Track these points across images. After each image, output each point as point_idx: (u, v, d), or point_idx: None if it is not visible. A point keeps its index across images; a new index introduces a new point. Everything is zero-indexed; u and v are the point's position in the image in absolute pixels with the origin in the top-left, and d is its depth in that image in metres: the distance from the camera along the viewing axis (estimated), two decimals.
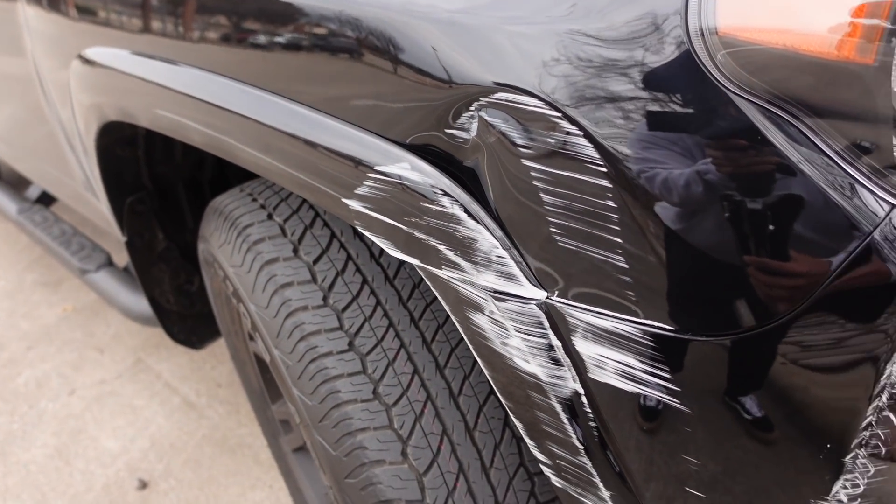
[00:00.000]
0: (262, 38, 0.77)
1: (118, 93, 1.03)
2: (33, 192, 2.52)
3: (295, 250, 0.97)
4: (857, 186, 0.48)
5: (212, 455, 1.96)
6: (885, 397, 0.52)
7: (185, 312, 1.66)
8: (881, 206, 0.48)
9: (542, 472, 0.74)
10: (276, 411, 1.57)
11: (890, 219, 0.48)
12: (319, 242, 0.97)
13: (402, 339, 0.90)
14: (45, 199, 2.50)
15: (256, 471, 1.90)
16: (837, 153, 0.48)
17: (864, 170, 0.48)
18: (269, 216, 1.03)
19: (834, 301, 0.50)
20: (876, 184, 0.48)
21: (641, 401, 0.61)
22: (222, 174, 1.51)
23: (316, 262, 0.95)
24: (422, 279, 0.95)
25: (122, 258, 1.90)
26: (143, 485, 1.88)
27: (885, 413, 0.53)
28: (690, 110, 0.51)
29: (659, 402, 0.60)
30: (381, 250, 0.97)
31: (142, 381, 2.28)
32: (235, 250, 1.02)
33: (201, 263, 1.27)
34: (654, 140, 0.52)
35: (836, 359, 0.52)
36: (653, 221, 0.53)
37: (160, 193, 1.40)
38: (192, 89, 0.84)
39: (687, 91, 0.51)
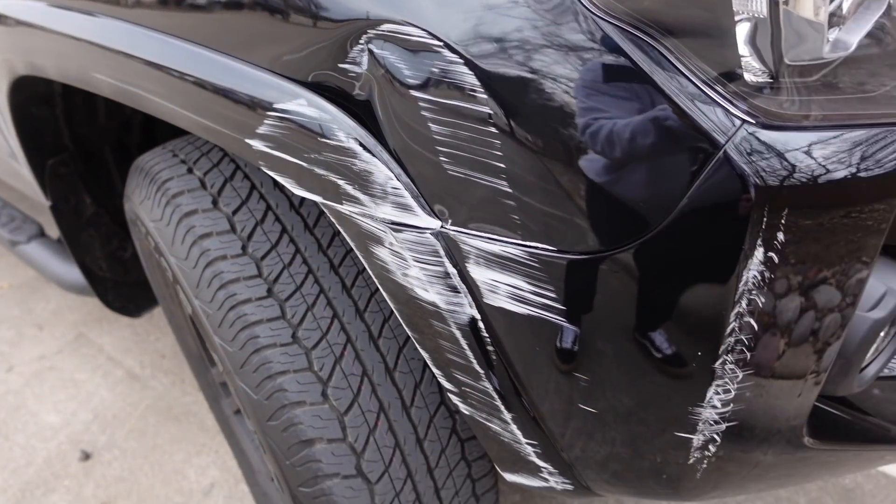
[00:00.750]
0: None
1: (24, 45, 1.01)
2: None
3: (214, 202, 0.97)
4: (711, 104, 0.51)
5: (156, 424, 1.95)
6: (744, 303, 0.56)
7: (120, 280, 1.64)
8: (732, 121, 0.51)
9: None
10: (216, 374, 1.58)
11: (741, 132, 0.51)
12: (239, 194, 0.98)
13: (322, 285, 0.92)
14: None
15: (202, 437, 1.90)
16: (692, 72, 0.51)
17: (716, 87, 0.51)
18: (189, 170, 1.03)
19: (693, 215, 0.53)
20: (726, 99, 0.51)
21: (532, 322, 0.64)
22: (151, 138, 1.49)
23: (235, 212, 0.95)
24: None
25: (56, 230, 1.86)
26: (86, 456, 1.87)
27: (746, 319, 0.57)
28: (560, 36, 0.54)
29: (547, 322, 0.63)
30: (302, 200, 0.98)
31: (83, 356, 2.24)
32: (155, 205, 1.02)
33: (128, 224, 1.26)
34: (528, 66, 0.54)
35: (698, 270, 0.56)
36: (527, 146, 0.56)
37: (85, 156, 1.37)
38: (94, 36, 0.83)
39: (556, 17, 0.53)
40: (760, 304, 0.56)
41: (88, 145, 1.35)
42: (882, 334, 0.71)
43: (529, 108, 0.55)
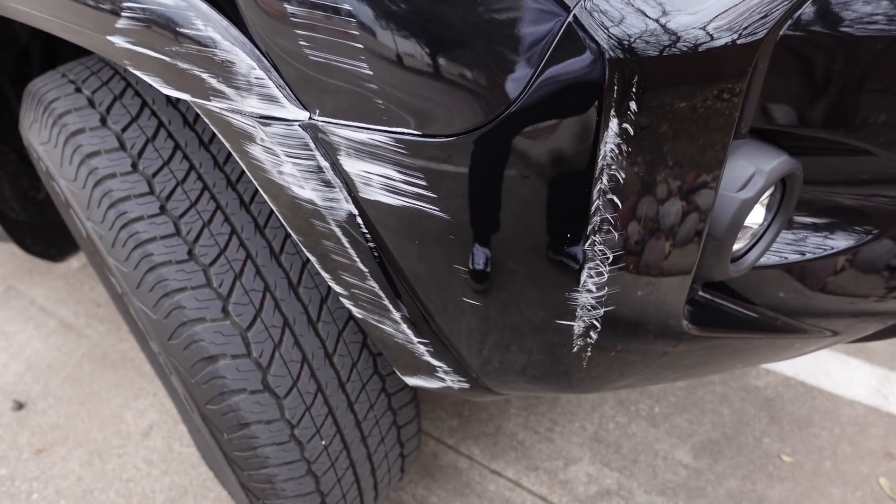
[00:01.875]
0: None
1: None
2: None
3: (102, 120, 0.93)
4: None
5: (92, 372, 1.92)
6: (605, 179, 0.56)
7: (36, 222, 1.58)
8: None
9: None
10: None
11: None
12: (129, 111, 0.93)
13: (219, 201, 0.89)
14: None
15: (140, 381, 1.88)
16: None
17: None
18: (77, 90, 0.98)
19: (546, 87, 0.52)
20: None
21: (408, 213, 0.63)
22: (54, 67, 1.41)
23: (125, 129, 0.91)
24: None
25: None
26: (20, 406, 1.83)
27: (609, 196, 0.57)
28: None
29: (421, 212, 0.62)
30: (196, 116, 0.94)
31: (14, 308, 2.18)
32: (43, 127, 0.97)
33: (29, 156, 1.20)
34: None
35: (556, 146, 0.55)
36: (382, 25, 0.54)
37: None
38: None
39: None
40: (621, 180, 0.56)
41: None
42: (761, 221, 0.72)
43: None
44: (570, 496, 1.48)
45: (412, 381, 0.83)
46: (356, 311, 0.76)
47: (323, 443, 0.95)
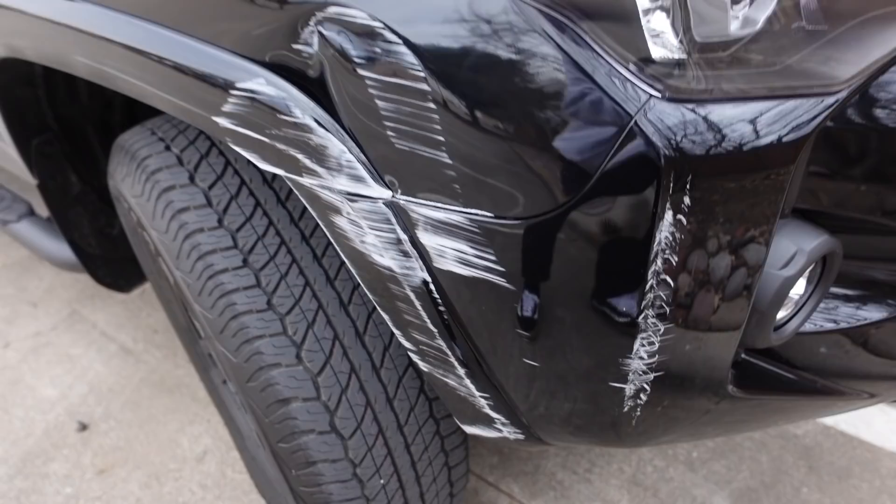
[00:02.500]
0: None
1: (4, 28, 1.05)
2: None
3: (191, 177, 1.02)
4: (621, 79, 0.57)
5: (150, 396, 2.02)
6: (659, 262, 0.62)
7: (109, 256, 1.70)
8: (640, 95, 0.57)
9: None
10: (203, 345, 1.64)
11: (650, 105, 0.57)
12: (214, 169, 1.03)
13: (294, 255, 0.98)
14: None
15: (194, 407, 1.97)
16: (605, 51, 0.57)
17: (626, 64, 0.57)
18: (167, 147, 1.08)
19: (609, 181, 0.59)
20: (636, 76, 0.57)
21: (477, 283, 0.70)
22: (133, 116, 1.53)
23: (211, 187, 1.01)
24: None
25: (45, 210, 1.91)
26: (84, 427, 1.94)
27: (663, 276, 0.63)
28: (488, 19, 0.59)
29: (490, 283, 0.69)
30: (274, 175, 1.03)
31: (78, 332, 2.31)
32: (136, 182, 1.07)
33: (113, 201, 1.31)
34: (460, 45, 0.60)
35: (617, 232, 0.62)
36: (462, 119, 0.62)
37: (70, 135, 1.42)
38: (69, 19, 0.87)
39: (484, 1, 0.59)
40: (674, 263, 0.62)
41: (72, 124, 1.40)
42: (801, 292, 0.77)
43: (462, 84, 0.61)
44: None
45: (470, 429, 0.89)
46: (423, 366, 0.83)
47: (381, 482, 1.01)
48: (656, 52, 0.56)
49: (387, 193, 0.70)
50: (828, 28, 0.58)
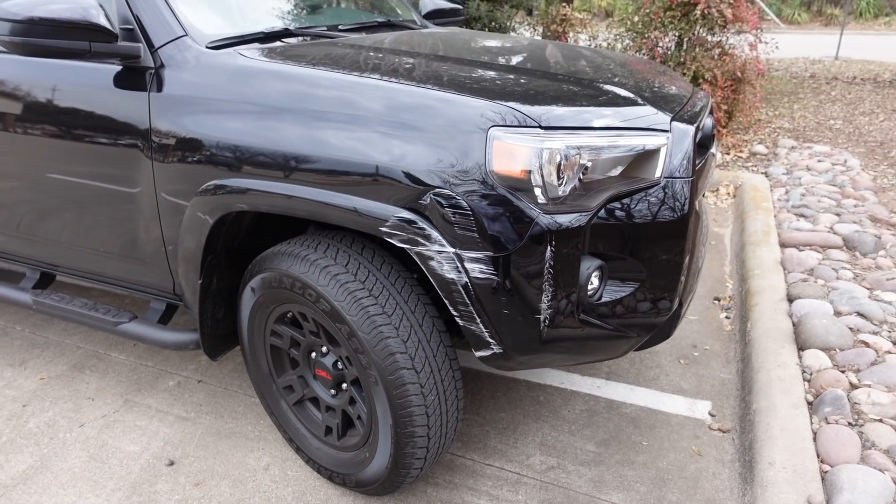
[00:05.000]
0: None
1: (259, 201, 2.23)
2: (27, 283, 3.29)
3: (355, 275, 2.22)
4: (532, 208, 1.93)
5: (214, 442, 2.90)
6: (547, 271, 1.95)
7: (212, 333, 2.72)
8: (538, 212, 1.93)
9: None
10: (281, 381, 2.67)
11: (540, 215, 1.93)
12: (360, 265, 2.24)
13: (396, 300, 2.19)
14: (40, 285, 3.28)
15: (250, 444, 2.88)
16: (525, 200, 1.93)
17: (533, 205, 1.93)
18: (334, 257, 2.28)
19: (529, 241, 1.93)
20: (535, 207, 1.93)
21: (490, 283, 1.98)
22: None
23: (364, 280, 2.21)
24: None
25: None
26: (171, 462, 2.77)
27: (549, 275, 1.96)
28: (475, 200, 1.94)
29: (495, 282, 1.98)
30: (382, 264, 2.27)
31: (137, 412, 3.12)
32: (321, 277, 2.23)
33: (263, 290, 2.43)
34: (454, 194, 1.94)
35: (532, 265, 1.94)
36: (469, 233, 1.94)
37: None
38: (305, 193, 2.11)
39: (475, 190, 1.94)
40: (552, 272, 1.95)
41: (231, 242, 2.53)
42: (596, 283, 2.14)
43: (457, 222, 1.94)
44: None
45: (478, 353, 2.11)
46: (461, 322, 2.06)
47: (431, 397, 2.17)
48: (539, 200, 1.94)
49: (453, 249, 1.98)
50: (585, 193, 2.00)
